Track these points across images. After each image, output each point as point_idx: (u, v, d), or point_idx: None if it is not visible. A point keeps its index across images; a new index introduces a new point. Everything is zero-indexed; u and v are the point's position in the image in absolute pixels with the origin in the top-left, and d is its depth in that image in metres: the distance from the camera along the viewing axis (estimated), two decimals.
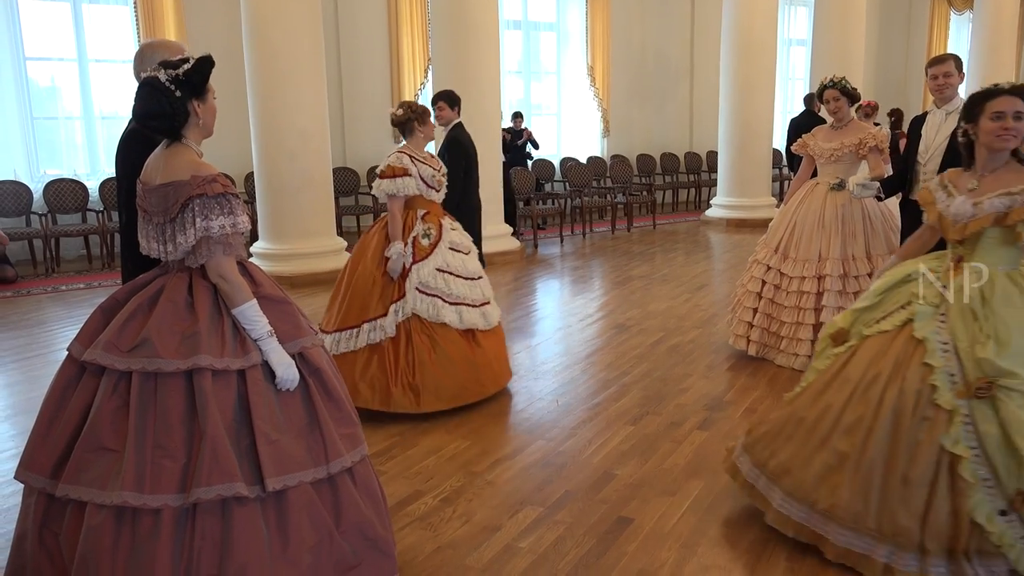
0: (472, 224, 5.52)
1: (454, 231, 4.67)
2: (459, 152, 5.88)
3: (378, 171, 4.57)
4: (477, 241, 5.05)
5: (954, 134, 4.33)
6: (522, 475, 3.75)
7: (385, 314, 4.38)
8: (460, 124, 6.08)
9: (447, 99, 6.15)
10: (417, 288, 4.40)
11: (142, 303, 2.43)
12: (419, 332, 4.39)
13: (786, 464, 2.99)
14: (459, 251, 4.62)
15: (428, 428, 4.29)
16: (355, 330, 4.40)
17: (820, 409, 2.96)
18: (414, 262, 4.44)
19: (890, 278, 3.10)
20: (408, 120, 4.63)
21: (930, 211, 3.13)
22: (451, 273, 4.51)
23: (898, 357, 2.81)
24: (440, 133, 6.13)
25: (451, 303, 4.46)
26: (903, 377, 2.77)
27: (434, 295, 4.42)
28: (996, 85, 2.93)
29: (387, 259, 4.43)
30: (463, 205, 5.63)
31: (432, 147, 5.83)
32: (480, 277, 4.69)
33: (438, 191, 4.66)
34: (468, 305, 4.52)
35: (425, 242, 4.49)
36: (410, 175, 4.48)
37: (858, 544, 2.79)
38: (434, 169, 4.62)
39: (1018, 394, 2.65)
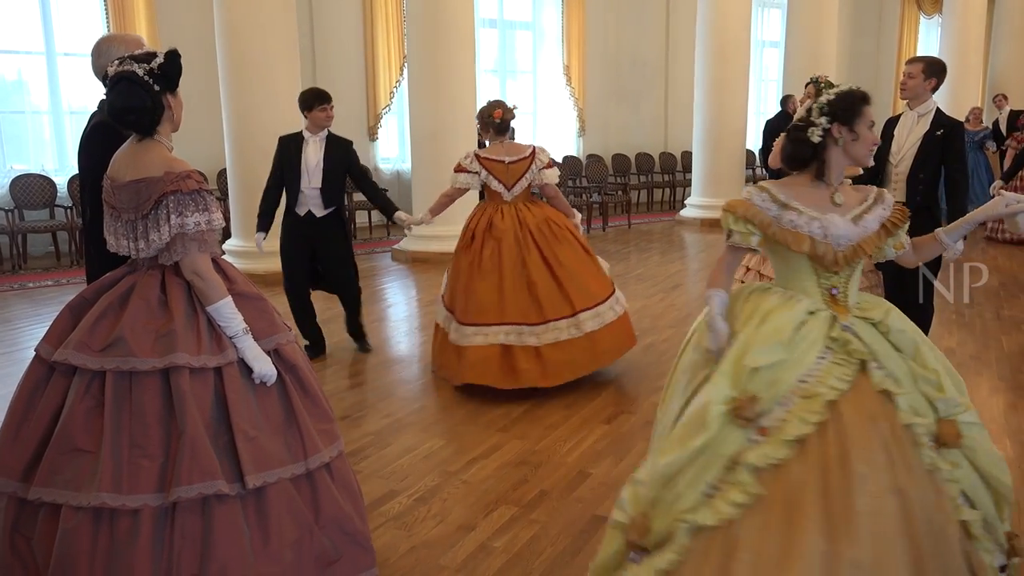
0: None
1: None
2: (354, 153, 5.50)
3: (547, 160, 4.93)
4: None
5: (926, 136, 4.42)
6: (497, 474, 3.75)
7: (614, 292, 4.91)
8: None
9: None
10: None
11: (112, 302, 2.40)
12: None
13: None
14: None
15: (403, 427, 4.28)
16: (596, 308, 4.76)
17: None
18: None
19: (782, 326, 2.24)
20: (512, 119, 4.95)
21: (765, 231, 2.35)
22: None
23: (886, 446, 2.11)
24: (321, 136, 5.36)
25: None
26: (907, 466, 2.12)
27: None
28: (860, 88, 2.38)
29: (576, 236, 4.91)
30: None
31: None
32: None
33: None
34: None
35: None
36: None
37: None
38: None
39: (976, 426, 2.25)
